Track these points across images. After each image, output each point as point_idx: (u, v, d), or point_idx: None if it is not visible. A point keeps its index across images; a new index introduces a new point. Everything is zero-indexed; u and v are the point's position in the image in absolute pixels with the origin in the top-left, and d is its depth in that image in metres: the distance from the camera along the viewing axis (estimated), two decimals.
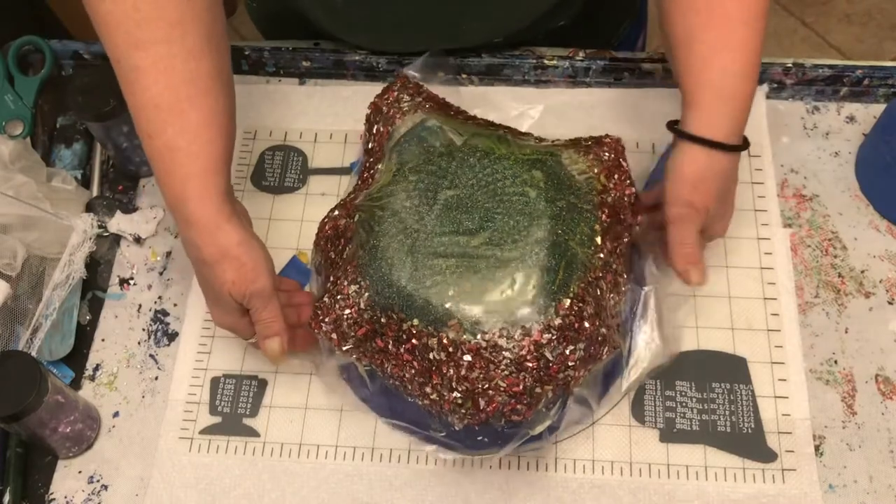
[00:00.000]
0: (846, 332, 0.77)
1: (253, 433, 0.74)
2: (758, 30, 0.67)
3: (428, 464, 0.73)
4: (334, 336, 0.68)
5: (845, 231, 0.81)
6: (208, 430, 0.74)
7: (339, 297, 0.67)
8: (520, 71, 0.89)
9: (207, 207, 0.64)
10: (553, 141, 0.74)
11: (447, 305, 0.64)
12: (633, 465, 0.72)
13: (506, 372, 0.63)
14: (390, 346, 0.66)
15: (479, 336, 0.63)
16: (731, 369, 0.75)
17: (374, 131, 0.75)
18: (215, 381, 0.76)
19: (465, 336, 0.63)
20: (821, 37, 2.04)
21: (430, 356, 0.64)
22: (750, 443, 0.72)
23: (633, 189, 0.72)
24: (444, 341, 0.63)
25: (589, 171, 0.69)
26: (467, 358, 0.63)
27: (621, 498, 0.70)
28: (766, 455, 0.71)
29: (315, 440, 0.74)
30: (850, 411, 0.74)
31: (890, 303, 0.78)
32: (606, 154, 0.71)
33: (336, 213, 0.73)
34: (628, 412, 0.74)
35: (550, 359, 0.63)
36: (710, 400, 0.73)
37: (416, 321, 0.64)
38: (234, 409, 0.75)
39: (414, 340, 0.65)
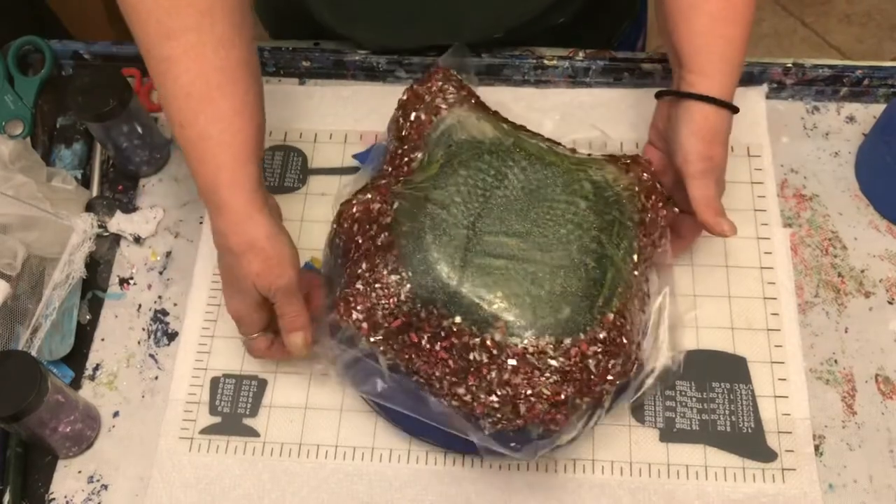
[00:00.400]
0: (846, 331, 0.77)
1: (253, 433, 0.74)
2: (750, 5, 0.72)
3: (428, 464, 0.73)
4: (364, 325, 0.65)
5: (845, 231, 0.81)
6: (208, 430, 0.74)
7: (376, 285, 0.65)
8: (520, 71, 0.89)
9: (238, 197, 0.64)
10: (589, 154, 0.74)
11: (495, 307, 0.62)
12: (632, 464, 0.72)
13: (551, 380, 0.61)
14: (424, 342, 0.64)
15: (525, 341, 0.61)
16: (731, 369, 0.75)
17: (413, 118, 0.72)
18: (215, 381, 0.76)
19: (511, 339, 0.62)
20: (821, 37, 2.04)
21: (471, 357, 0.63)
22: (750, 442, 0.72)
23: (666, 211, 0.72)
24: (489, 343, 0.62)
25: (630, 188, 0.70)
26: (512, 362, 0.61)
27: (621, 498, 0.70)
28: (765, 455, 0.71)
29: (315, 440, 0.74)
30: (850, 411, 0.74)
31: (890, 303, 0.78)
32: (644, 174, 0.72)
33: (368, 195, 0.70)
34: (628, 412, 0.73)
35: (594, 371, 0.62)
36: (709, 400, 0.73)
37: (458, 319, 0.62)
38: (234, 408, 0.75)
39: (454, 339, 0.63)
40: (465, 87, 0.76)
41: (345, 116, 0.88)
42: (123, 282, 0.82)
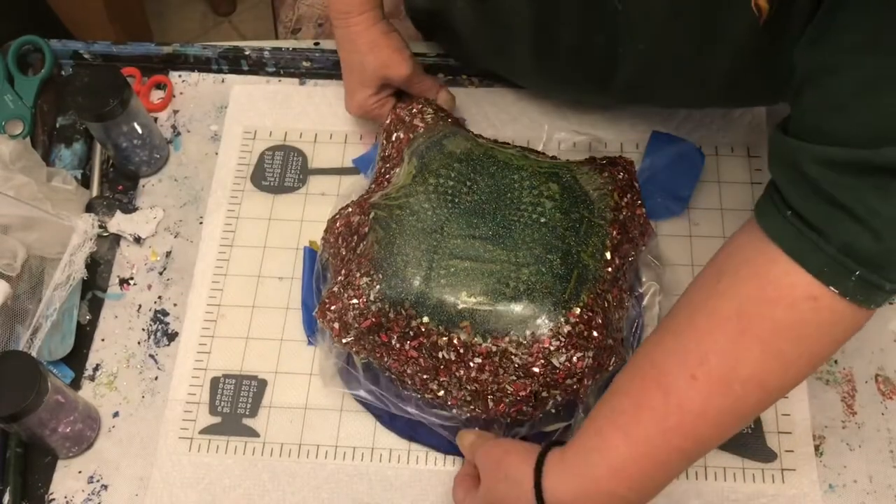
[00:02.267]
0: None
1: (253, 433, 0.74)
2: (670, 451, 0.55)
3: (428, 464, 0.73)
4: (336, 325, 0.68)
5: None
6: (208, 430, 0.74)
7: (348, 288, 0.67)
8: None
9: (364, 15, 0.78)
10: (567, 159, 0.75)
11: (460, 306, 0.64)
12: None
13: (513, 377, 0.64)
14: (394, 342, 0.67)
15: (489, 340, 0.64)
16: None
17: (394, 139, 0.77)
18: (215, 381, 0.76)
19: (476, 339, 0.64)
20: None
21: (440, 355, 0.65)
22: (749, 442, 0.72)
23: (644, 210, 0.73)
24: (455, 342, 0.64)
25: (603, 188, 0.71)
26: (477, 360, 0.64)
27: None
28: (765, 455, 0.71)
29: (315, 440, 0.74)
30: (850, 411, 0.74)
31: (890, 303, 0.78)
32: (620, 174, 0.73)
33: (349, 210, 0.74)
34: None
35: (557, 365, 0.63)
36: None
37: (426, 319, 0.65)
38: (233, 409, 0.75)
39: (422, 338, 0.65)
40: (444, 110, 0.80)
41: (345, 116, 0.88)
42: (123, 282, 0.82)
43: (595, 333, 0.65)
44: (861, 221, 0.49)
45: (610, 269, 0.68)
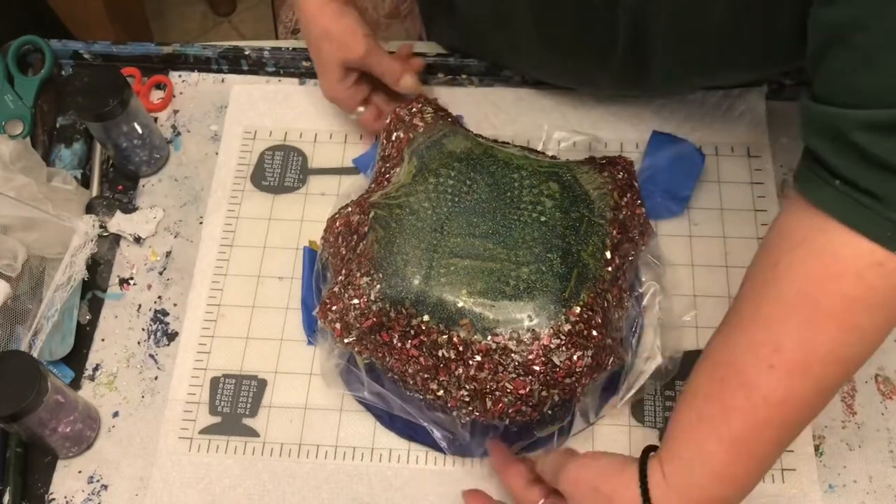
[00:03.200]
0: None
1: (253, 433, 0.74)
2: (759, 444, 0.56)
3: (428, 464, 0.73)
4: (338, 326, 0.68)
5: None
6: (208, 430, 0.74)
7: (349, 288, 0.67)
8: (519, 72, 0.89)
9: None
10: (567, 159, 0.75)
11: (460, 304, 0.64)
12: None
13: (513, 375, 0.63)
14: (395, 341, 0.67)
15: (489, 337, 0.63)
16: None
17: (394, 138, 0.77)
18: (215, 381, 0.76)
19: (475, 336, 0.64)
20: None
21: (440, 353, 0.65)
22: None
23: (644, 209, 0.73)
24: (455, 340, 0.64)
25: (603, 187, 0.71)
26: (477, 358, 0.64)
27: None
28: None
29: (315, 440, 0.74)
30: (850, 411, 0.74)
31: None
32: (620, 174, 0.73)
33: (348, 209, 0.74)
34: (628, 412, 0.74)
35: (557, 363, 0.63)
36: None
37: (426, 317, 0.65)
38: (233, 408, 0.75)
39: (423, 337, 0.65)
40: (443, 109, 0.79)
41: (345, 116, 0.88)
42: (123, 282, 0.82)
43: (595, 332, 0.65)
44: None
45: (610, 269, 0.68)
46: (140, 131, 0.82)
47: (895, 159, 0.49)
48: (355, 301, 0.67)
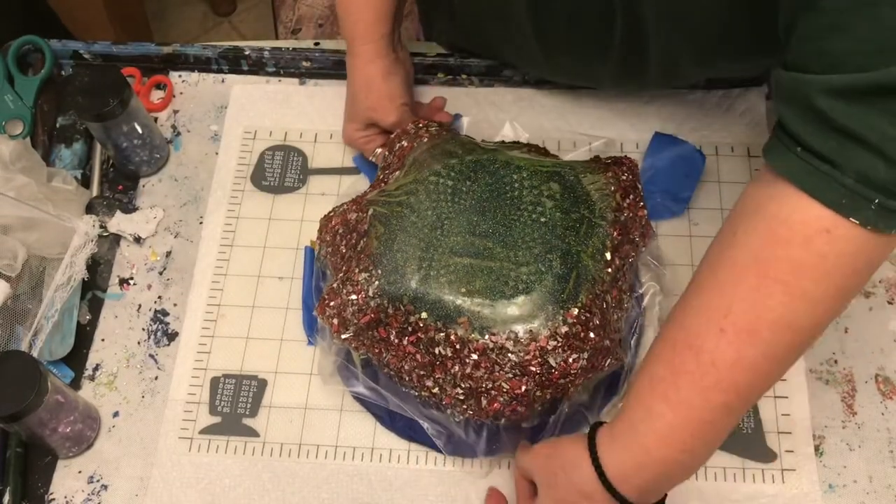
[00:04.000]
0: (846, 331, 0.77)
1: (253, 433, 0.74)
2: (712, 409, 0.55)
3: (428, 464, 0.73)
4: (335, 321, 0.68)
5: None
6: (208, 430, 0.74)
7: (347, 284, 0.68)
8: (520, 72, 0.89)
9: (368, 45, 0.79)
10: (571, 159, 0.75)
11: (458, 302, 0.64)
12: None
13: (510, 374, 0.64)
14: (392, 337, 0.67)
15: (486, 336, 0.64)
16: None
17: (397, 147, 0.77)
18: (215, 381, 0.76)
19: (473, 335, 0.64)
20: None
21: (437, 351, 0.65)
22: (749, 443, 0.72)
23: (646, 211, 0.73)
24: (452, 337, 0.64)
25: (605, 188, 0.71)
26: (474, 357, 0.64)
27: None
28: (765, 455, 0.71)
29: (315, 440, 0.74)
30: (850, 411, 0.74)
31: (890, 303, 0.78)
32: (624, 175, 0.73)
33: (344, 207, 0.74)
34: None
35: (553, 365, 0.63)
36: None
37: (424, 314, 0.65)
38: (233, 409, 0.75)
39: (420, 334, 0.65)
40: (447, 126, 0.80)
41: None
42: (123, 282, 0.82)
43: (592, 335, 0.65)
44: (875, 149, 0.48)
45: (610, 270, 0.68)
46: (140, 131, 0.82)
47: (854, 125, 0.48)
48: (353, 297, 0.67)
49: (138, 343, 0.79)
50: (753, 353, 0.54)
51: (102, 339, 0.79)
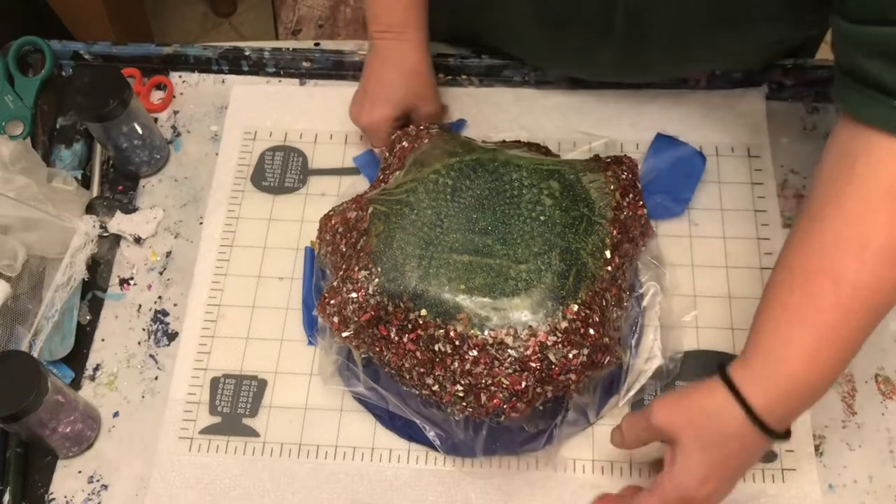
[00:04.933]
0: None
1: (253, 433, 0.74)
2: (856, 321, 0.58)
3: (428, 464, 0.73)
4: (335, 319, 0.68)
5: None
6: (208, 430, 0.74)
7: (348, 282, 0.68)
8: (520, 72, 0.89)
9: (421, 33, 0.79)
10: (571, 158, 0.76)
11: (457, 299, 0.65)
12: (632, 465, 0.72)
13: (509, 370, 0.64)
14: (393, 335, 0.67)
15: (486, 332, 0.64)
16: None
17: (397, 148, 0.77)
18: (215, 381, 0.76)
19: (472, 331, 0.64)
20: None
21: (436, 347, 0.65)
22: None
23: (645, 210, 0.73)
24: (452, 334, 0.64)
25: (605, 187, 0.71)
26: (473, 353, 0.64)
27: None
28: (765, 455, 0.71)
29: (315, 440, 0.74)
30: (850, 411, 0.74)
31: None
32: (624, 174, 0.73)
33: (343, 206, 0.74)
34: (628, 412, 0.73)
35: (553, 361, 0.64)
36: None
37: (424, 311, 0.65)
38: (233, 409, 0.75)
39: (420, 331, 0.66)
40: (446, 128, 0.81)
41: (345, 117, 0.87)
42: (123, 282, 0.82)
43: (591, 331, 0.65)
44: None
45: (609, 268, 0.68)
46: (140, 132, 0.82)
47: None
48: (353, 295, 0.67)
49: (138, 343, 0.79)
50: (891, 275, 0.57)
51: (102, 340, 0.79)
